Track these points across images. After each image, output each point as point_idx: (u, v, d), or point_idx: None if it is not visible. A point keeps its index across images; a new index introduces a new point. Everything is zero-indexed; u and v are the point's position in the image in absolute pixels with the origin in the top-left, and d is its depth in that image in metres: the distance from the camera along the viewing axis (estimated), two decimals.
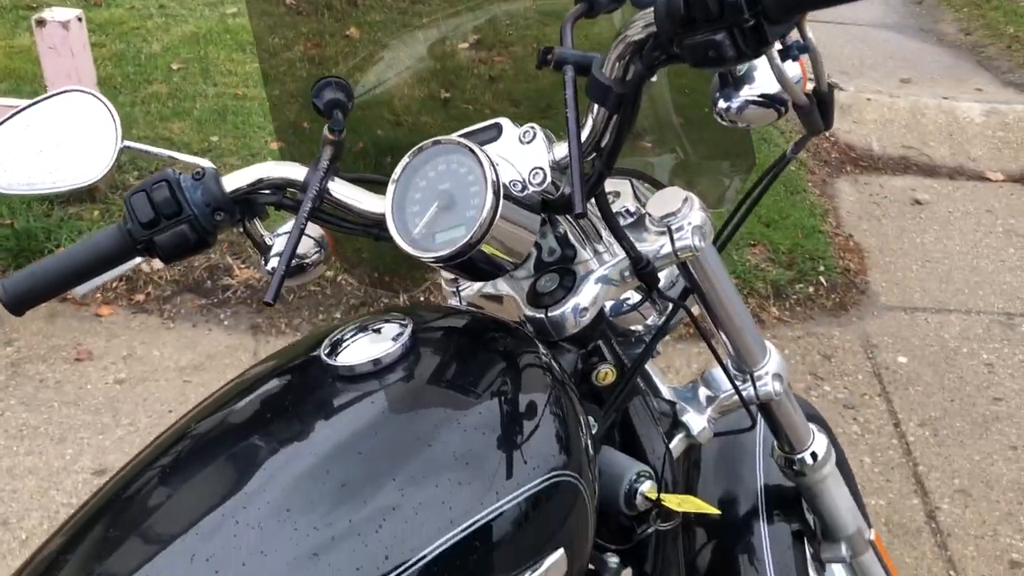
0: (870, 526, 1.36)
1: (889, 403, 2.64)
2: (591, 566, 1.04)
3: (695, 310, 1.06)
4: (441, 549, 0.70)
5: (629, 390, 1.02)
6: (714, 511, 1.04)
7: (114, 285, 2.92)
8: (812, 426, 1.22)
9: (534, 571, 0.74)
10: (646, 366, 1.12)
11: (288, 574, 0.67)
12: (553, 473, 0.77)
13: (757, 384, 1.09)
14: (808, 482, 1.22)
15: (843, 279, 3.16)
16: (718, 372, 1.12)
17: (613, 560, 1.02)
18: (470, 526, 0.71)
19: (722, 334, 1.08)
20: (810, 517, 1.34)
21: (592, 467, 0.85)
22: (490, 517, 0.72)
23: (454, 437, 0.76)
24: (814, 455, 1.19)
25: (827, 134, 4.22)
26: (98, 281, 0.98)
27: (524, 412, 0.80)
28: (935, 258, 3.37)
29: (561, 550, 0.76)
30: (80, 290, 1.01)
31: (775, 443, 1.23)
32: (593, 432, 0.95)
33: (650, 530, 0.99)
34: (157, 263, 3.02)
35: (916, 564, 2.13)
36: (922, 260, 3.35)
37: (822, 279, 3.13)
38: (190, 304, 2.89)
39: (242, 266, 3.01)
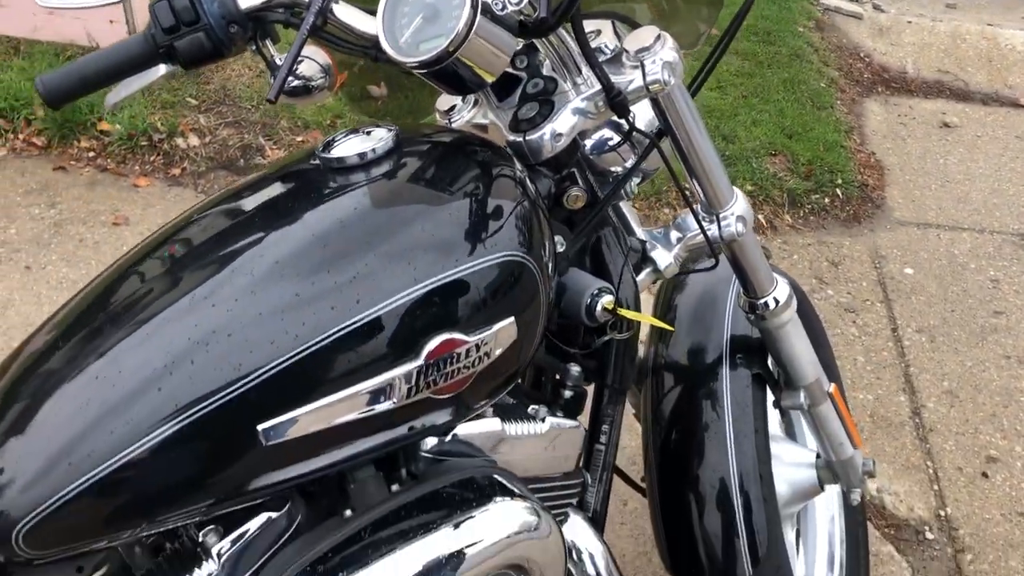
0: (832, 381, 1.47)
1: (890, 309, 2.71)
2: (556, 376, 1.15)
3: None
4: (405, 300, 0.81)
5: (600, 219, 1.12)
6: (668, 327, 1.14)
7: (152, 159, 3.05)
8: (777, 276, 1.31)
9: (486, 331, 0.85)
10: (622, 207, 1.21)
11: (273, 309, 0.79)
12: (509, 252, 0.87)
13: (722, 224, 1.18)
14: (769, 327, 1.32)
15: (859, 193, 3.21)
16: (688, 217, 1.21)
17: (575, 369, 1.14)
18: (431, 283, 0.82)
19: (693, 179, 1.17)
20: (775, 369, 1.45)
21: (549, 260, 0.95)
22: (449, 279, 0.83)
23: (425, 218, 0.87)
24: (776, 300, 1.29)
25: (861, 55, 4.20)
26: (125, 92, 1.07)
27: (491, 207, 0.91)
28: (956, 179, 3.39)
29: (512, 319, 0.87)
30: (111, 99, 1.10)
31: (740, 290, 1.33)
32: (560, 249, 1.05)
33: (606, 338, 1.10)
34: (193, 140, 3.15)
35: (895, 453, 2.23)
36: (942, 180, 3.37)
37: (838, 191, 3.17)
38: (223, 180, 3.01)
39: (274, 147, 3.13)
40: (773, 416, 1.63)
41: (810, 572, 1.66)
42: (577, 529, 1.15)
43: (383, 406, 0.82)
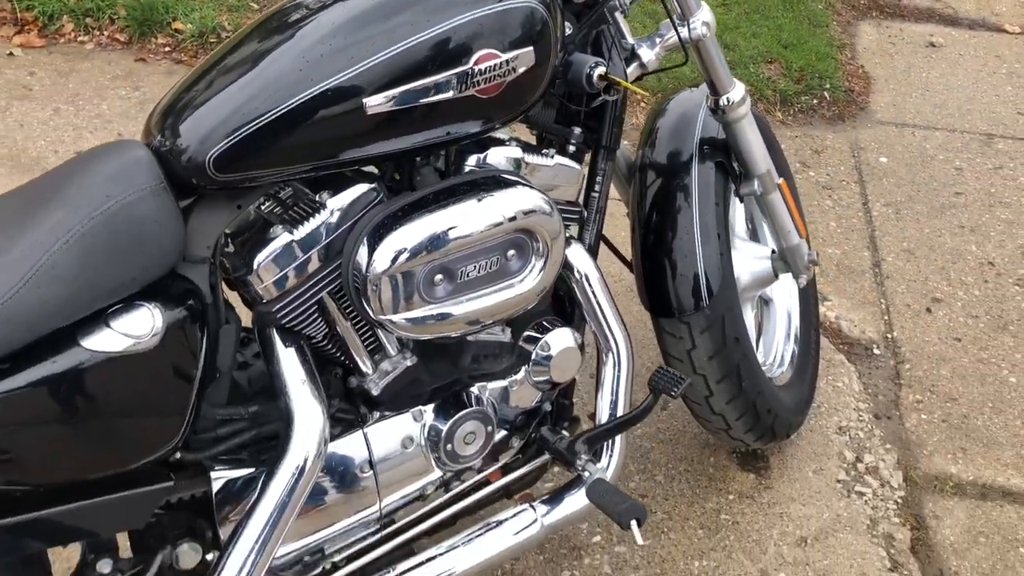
0: (781, 176, 1.87)
1: (863, 188, 3.10)
2: (564, 137, 1.56)
3: None
4: (460, 22, 1.23)
5: (598, 16, 1.52)
6: (644, 92, 1.55)
7: None
8: (735, 80, 1.71)
9: (513, 52, 1.27)
10: (618, 18, 1.61)
11: (377, 28, 1.20)
12: (534, 4, 1.28)
13: (691, 27, 1.59)
14: (729, 120, 1.73)
15: (845, 97, 3.58)
16: (666, 26, 1.62)
17: (577, 130, 1.55)
18: (479, 13, 1.24)
19: None
20: (736, 167, 1.85)
21: (560, 27, 1.36)
22: (492, 12, 1.25)
23: None
24: (733, 98, 1.70)
25: None
26: None
27: None
28: (935, 89, 3.75)
29: (531, 48, 1.29)
30: None
31: (707, 94, 1.73)
32: (569, 32, 1.46)
33: (601, 99, 1.51)
34: None
35: (854, 292, 2.64)
36: (923, 90, 3.73)
37: (826, 95, 3.55)
38: None
39: None
40: (739, 219, 2.05)
41: (770, 341, 2.08)
42: (577, 253, 1.57)
43: (445, 95, 1.24)
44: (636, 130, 3.08)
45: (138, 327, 1.14)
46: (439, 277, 1.30)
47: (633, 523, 1.38)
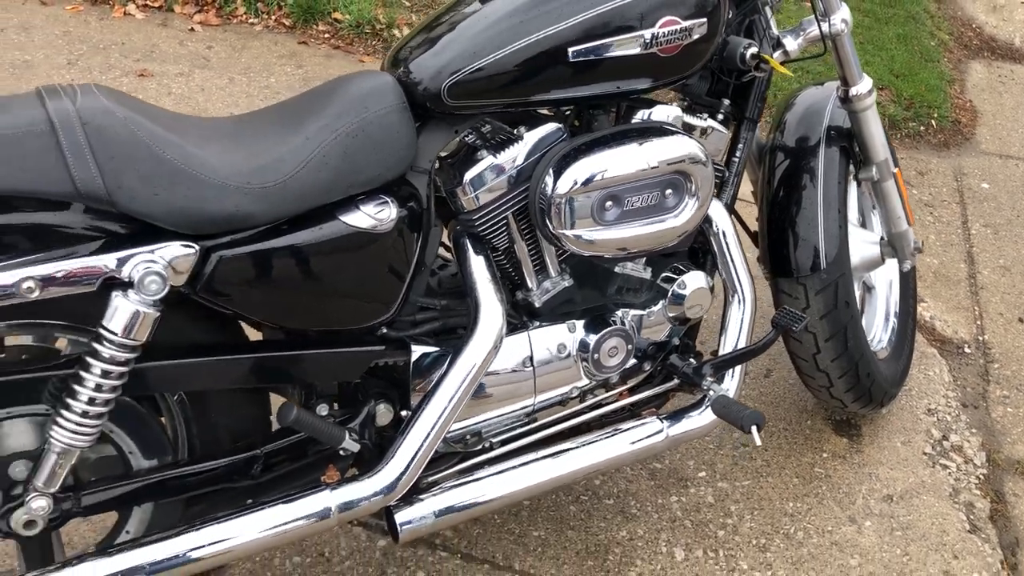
0: (897, 166, 2.10)
1: (963, 208, 3.28)
2: (713, 112, 1.81)
3: None
4: None
5: (752, 7, 1.79)
6: (788, 72, 1.80)
7: (373, 43, 3.84)
8: (865, 75, 1.95)
9: (690, 21, 1.54)
10: (767, 13, 1.86)
11: None
12: None
13: (832, 23, 1.84)
14: (855, 109, 1.97)
15: (952, 127, 3.76)
16: (807, 20, 1.87)
17: (726, 102, 1.80)
18: None
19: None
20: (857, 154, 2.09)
21: (724, 13, 1.62)
22: None
23: None
24: (862, 90, 1.93)
25: (973, 25, 4.70)
26: None
27: None
28: None
29: (705, 20, 1.56)
30: None
31: (838, 86, 1.98)
32: (730, 16, 1.72)
33: (751, 75, 1.77)
34: (406, 32, 3.92)
35: (949, 298, 2.82)
36: None
37: (933, 123, 3.73)
38: None
39: None
40: (852, 208, 2.28)
41: (870, 323, 2.29)
42: (716, 208, 1.82)
43: (633, 50, 1.52)
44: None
45: (380, 213, 1.44)
46: (609, 203, 1.57)
47: (753, 428, 1.62)
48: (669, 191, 1.62)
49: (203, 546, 1.38)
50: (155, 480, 1.42)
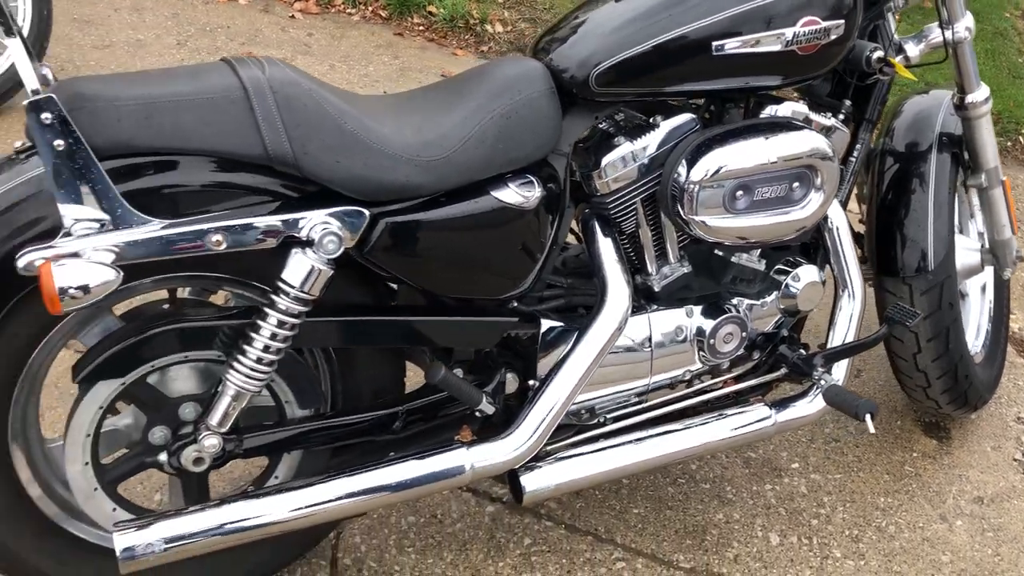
0: (1003, 177, 2.14)
1: None
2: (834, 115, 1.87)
3: None
4: None
5: (878, 13, 1.84)
6: (912, 77, 1.85)
7: (466, 37, 3.95)
8: (982, 83, 2.00)
9: (830, 22, 1.60)
10: (890, 18, 1.92)
11: None
12: None
13: (955, 30, 1.89)
14: (969, 116, 2.01)
15: None
16: (929, 27, 1.92)
17: (847, 103, 1.86)
18: None
19: (943, 5, 1.88)
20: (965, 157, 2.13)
21: (857, 15, 1.69)
22: None
23: None
24: (977, 99, 1.98)
25: None
26: None
27: None
28: None
29: (843, 22, 1.63)
30: None
31: (953, 92, 2.02)
32: (859, 21, 1.78)
33: (874, 78, 1.83)
34: (499, 27, 4.02)
35: None
36: None
37: (1021, 138, 3.74)
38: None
39: None
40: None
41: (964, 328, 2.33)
42: (833, 205, 1.87)
43: (773, 47, 1.59)
44: None
45: (526, 191, 1.53)
46: (740, 193, 1.64)
47: (867, 416, 1.68)
48: (796, 184, 1.68)
49: (348, 494, 1.48)
50: (308, 429, 1.52)
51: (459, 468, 1.54)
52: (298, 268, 1.36)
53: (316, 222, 1.36)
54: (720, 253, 1.84)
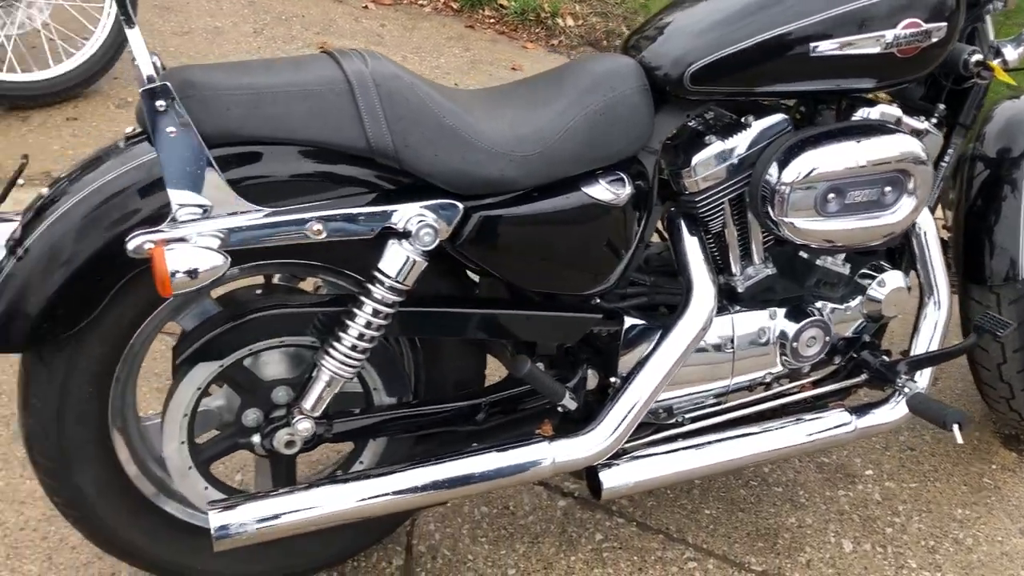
0: None
1: None
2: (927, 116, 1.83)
3: None
4: None
5: (977, 15, 1.80)
6: (1012, 80, 1.81)
7: (536, 31, 3.95)
8: None
9: (932, 24, 1.57)
10: (987, 21, 1.87)
11: None
12: None
13: None
14: None
15: None
16: None
17: (941, 107, 1.83)
18: None
19: None
20: None
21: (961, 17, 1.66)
22: None
23: None
24: None
25: None
26: None
27: None
28: None
29: (946, 25, 1.60)
30: None
31: None
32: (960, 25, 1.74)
33: (972, 82, 1.79)
34: (570, 21, 4.02)
35: None
36: None
37: None
38: (587, 50, 3.87)
39: None
40: None
41: None
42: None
43: (872, 49, 1.56)
44: None
45: (616, 187, 1.53)
46: (832, 195, 1.62)
47: (956, 426, 1.65)
48: (888, 189, 1.65)
49: (434, 482, 1.50)
50: (394, 417, 1.55)
51: (541, 461, 1.55)
52: (395, 259, 1.38)
53: (413, 214, 1.38)
54: (804, 256, 1.82)
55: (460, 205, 1.42)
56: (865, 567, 1.93)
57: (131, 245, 1.27)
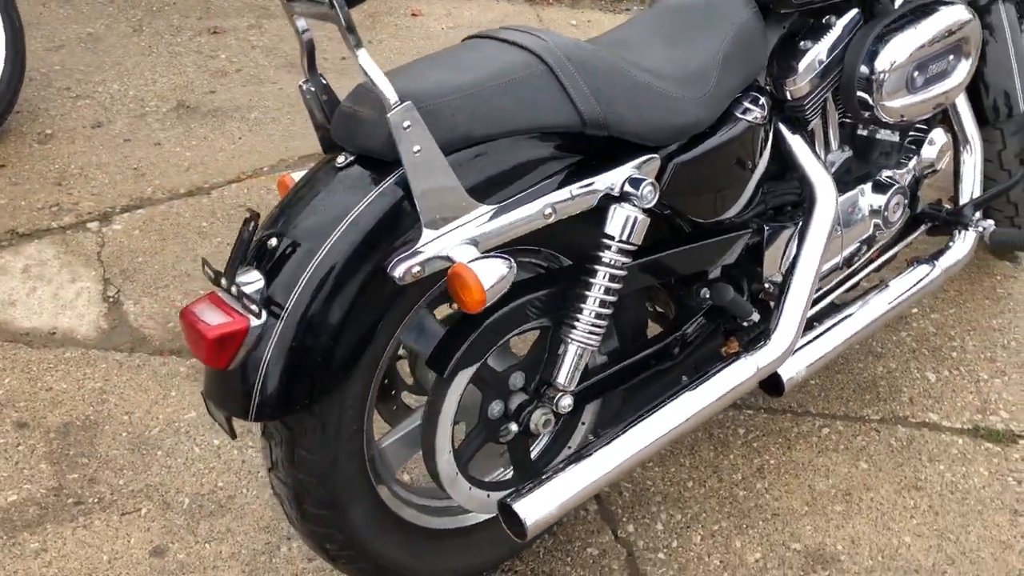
0: None
1: None
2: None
3: None
4: None
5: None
6: None
7: None
8: None
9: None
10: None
11: None
12: None
13: None
14: None
15: None
16: None
17: None
18: None
19: None
20: None
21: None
22: None
23: None
24: None
25: None
26: None
27: None
28: None
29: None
30: None
31: None
32: None
33: None
34: None
35: None
36: None
37: None
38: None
39: None
40: None
41: None
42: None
43: None
44: None
45: (758, 107, 1.62)
46: (916, 73, 1.79)
47: None
48: (952, 57, 1.85)
49: (682, 416, 1.58)
50: (615, 371, 1.60)
51: (748, 375, 1.67)
52: (620, 221, 1.42)
53: (627, 176, 1.42)
54: (864, 133, 2.00)
55: (658, 156, 1.47)
56: (953, 389, 2.20)
57: (397, 272, 1.25)
